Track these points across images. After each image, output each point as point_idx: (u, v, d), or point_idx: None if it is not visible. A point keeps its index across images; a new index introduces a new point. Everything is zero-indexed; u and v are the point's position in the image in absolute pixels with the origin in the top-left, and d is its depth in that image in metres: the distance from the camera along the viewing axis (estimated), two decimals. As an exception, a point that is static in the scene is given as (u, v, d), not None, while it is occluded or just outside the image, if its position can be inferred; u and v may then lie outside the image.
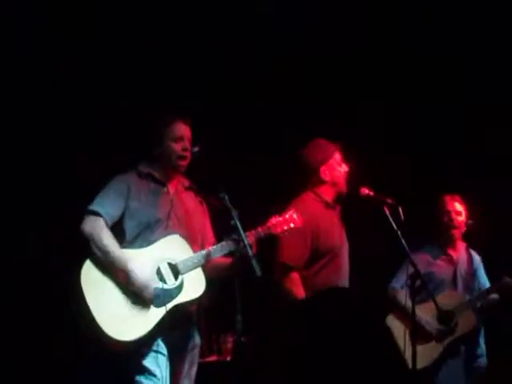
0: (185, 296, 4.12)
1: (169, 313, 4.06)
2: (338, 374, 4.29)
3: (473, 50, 6.06)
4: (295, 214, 4.39)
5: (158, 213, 4.25)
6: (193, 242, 4.27)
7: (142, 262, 4.10)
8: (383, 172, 5.79)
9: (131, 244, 4.20)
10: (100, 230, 4.12)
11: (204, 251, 4.19)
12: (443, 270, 5.55)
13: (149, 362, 4.10)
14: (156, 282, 4.08)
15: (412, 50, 6.10)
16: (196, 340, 4.32)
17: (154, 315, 4.06)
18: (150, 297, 4.05)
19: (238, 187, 4.18)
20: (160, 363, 4.12)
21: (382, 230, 4.65)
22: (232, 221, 3.99)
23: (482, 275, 5.65)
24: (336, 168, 4.95)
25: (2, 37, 5.23)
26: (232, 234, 4.01)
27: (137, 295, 4.06)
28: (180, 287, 4.12)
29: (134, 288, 4.06)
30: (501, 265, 5.60)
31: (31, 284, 5.27)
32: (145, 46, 5.58)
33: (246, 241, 3.95)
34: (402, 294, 5.10)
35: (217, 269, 4.24)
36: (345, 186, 4.96)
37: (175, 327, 4.15)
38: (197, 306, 4.26)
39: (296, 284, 4.74)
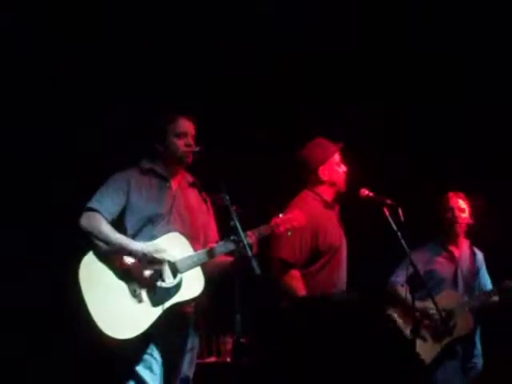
0: (182, 295, 4.10)
1: (165, 312, 4.04)
2: (337, 374, 4.29)
3: (473, 50, 6.06)
4: (299, 213, 4.39)
5: (159, 207, 4.23)
6: (194, 238, 4.24)
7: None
8: (383, 172, 5.79)
9: (133, 239, 4.16)
10: (97, 222, 4.10)
11: (205, 250, 4.17)
12: (444, 269, 5.52)
13: (141, 367, 4.08)
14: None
15: (412, 50, 6.10)
16: (194, 341, 4.29)
17: (150, 314, 4.03)
18: (151, 282, 4.03)
19: (238, 187, 4.18)
20: (154, 368, 4.09)
21: (381, 231, 4.66)
22: (232, 221, 3.99)
23: (484, 275, 5.63)
24: (335, 168, 4.95)
25: (2, 37, 5.24)
26: (232, 235, 4.01)
27: (135, 291, 4.04)
28: (178, 286, 4.10)
29: (135, 272, 4.04)
30: (501, 265, 5.61)
31: (31, 283, 5.28)
32: (145, 45, 5.58)
33: (245, 241, 3.94)
34: (402, 289, 5.12)
35: (217, 267, 4.23)
36: (344, 186, 4.96)
37: (172, 327, 4.12)
38: (195, 306, 4.23)
39: (297, 281, 4.72)
